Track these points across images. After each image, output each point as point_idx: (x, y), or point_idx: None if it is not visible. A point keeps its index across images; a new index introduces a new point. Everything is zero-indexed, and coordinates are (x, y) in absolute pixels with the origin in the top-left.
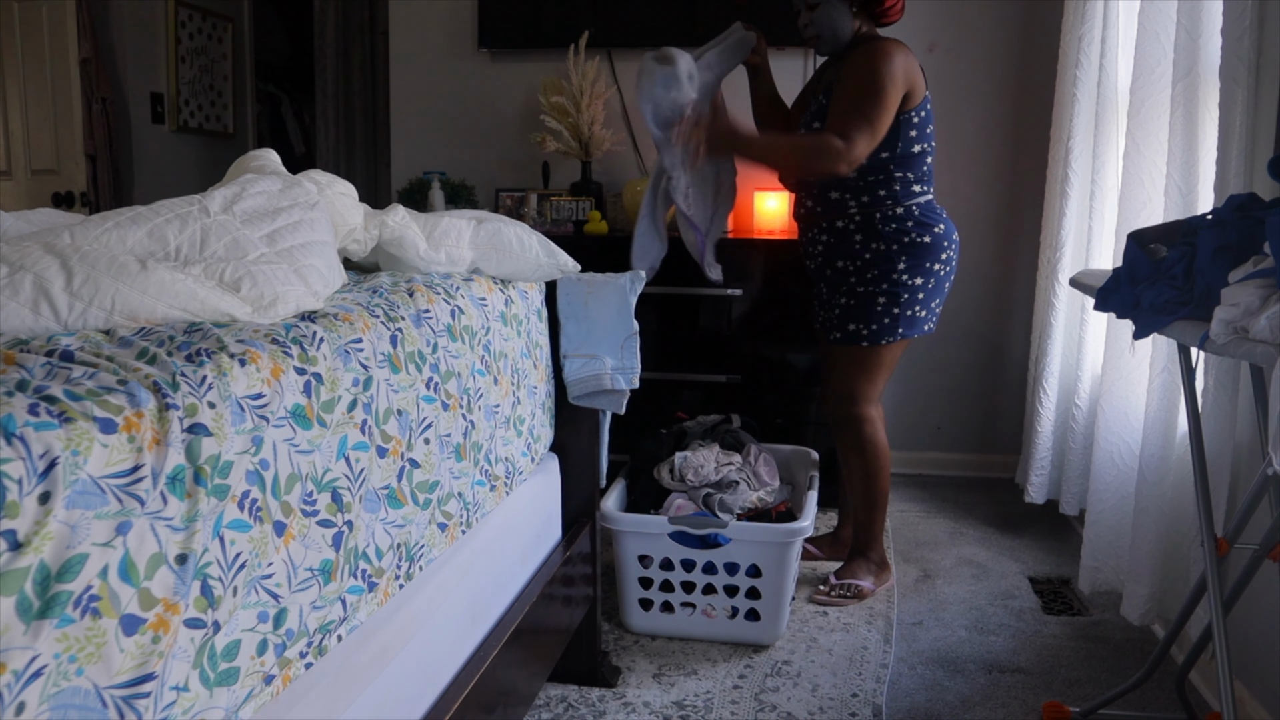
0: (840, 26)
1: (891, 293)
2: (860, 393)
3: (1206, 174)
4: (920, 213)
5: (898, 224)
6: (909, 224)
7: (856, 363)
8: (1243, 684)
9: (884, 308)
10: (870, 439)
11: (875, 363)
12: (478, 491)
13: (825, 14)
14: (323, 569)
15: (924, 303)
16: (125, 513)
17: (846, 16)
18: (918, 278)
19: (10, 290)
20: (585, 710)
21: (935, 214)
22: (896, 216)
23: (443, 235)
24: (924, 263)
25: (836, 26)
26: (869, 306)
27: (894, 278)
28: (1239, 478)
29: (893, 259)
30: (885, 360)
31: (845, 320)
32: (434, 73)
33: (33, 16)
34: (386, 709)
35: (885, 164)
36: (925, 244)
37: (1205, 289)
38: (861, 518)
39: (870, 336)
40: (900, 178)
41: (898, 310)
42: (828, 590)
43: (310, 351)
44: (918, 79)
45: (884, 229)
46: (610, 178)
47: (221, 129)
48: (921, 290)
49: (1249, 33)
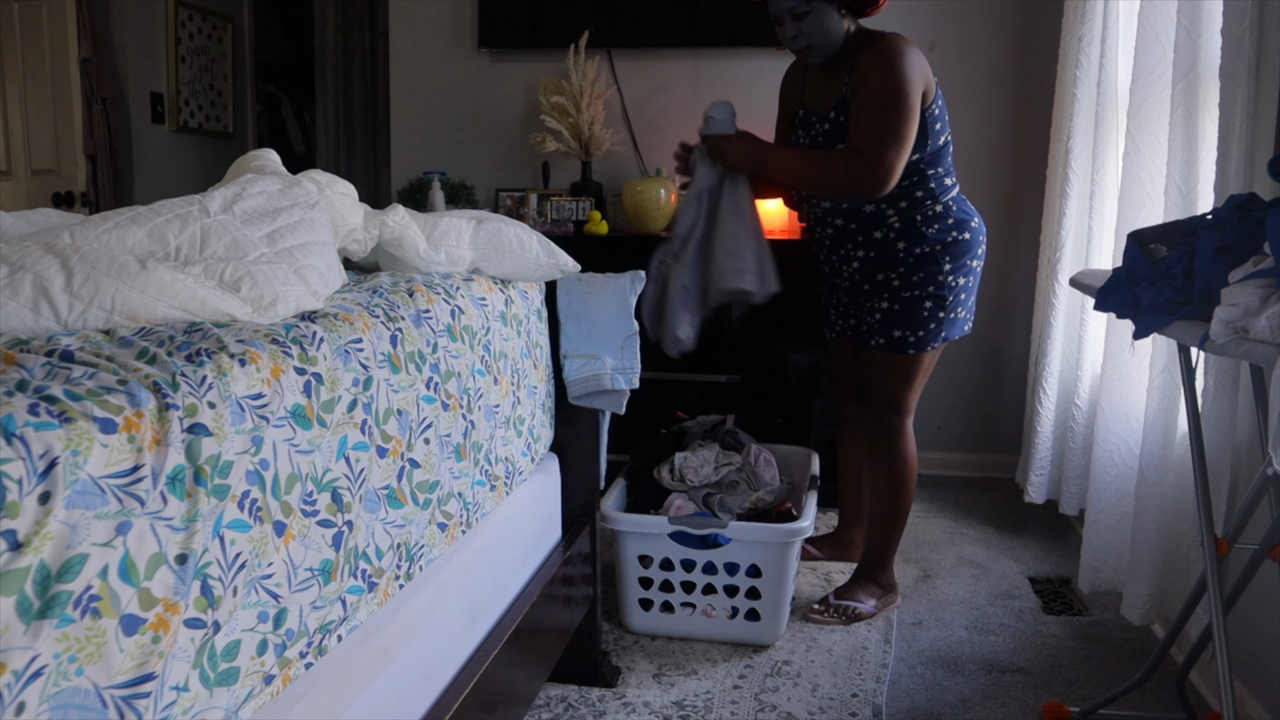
0: (833, 32)
1: (937, 295)
2: (902, 402)
3: (1206, 174)
4: (957, 208)
5: (939, 224)
6: (949, 221)
7: (900, 371)
8: (1243, 684)
9: (930, 312)
10: (902, 453)
11: (918, 369)
12: (478, 491)
13: (816, 21)
14: (323, 569)
15: (964, 302)
16: (125, 513)
17: (837, 20)
18: (960, 277)
19: (10, 290)
20: (585, 710)
21: (967, 207)
22: (937, 215)
23: (443, 235)
24: (965, 260)
25: (830, 33)
26: (914, 312)
27: (939, 279)
28: (1239, 478)
29: (938, 260)
30: (926, 366)
31: (889, 326)
32: (434, 73)
33: (33, 16)
34: (386, 709)
35: (917, 165)
36: (965, 241)
37: (1205, 289)
38: (877, 536)
39: (916, 343)
40: (933, 174)
41: (943, 314)
42: (822, 610)
43: (310, 351)
44: (928, 70)
45: (927, 230)
46: (610, 178)
47: (221, 129)
48: (963, 290)
49: (1249, 33)
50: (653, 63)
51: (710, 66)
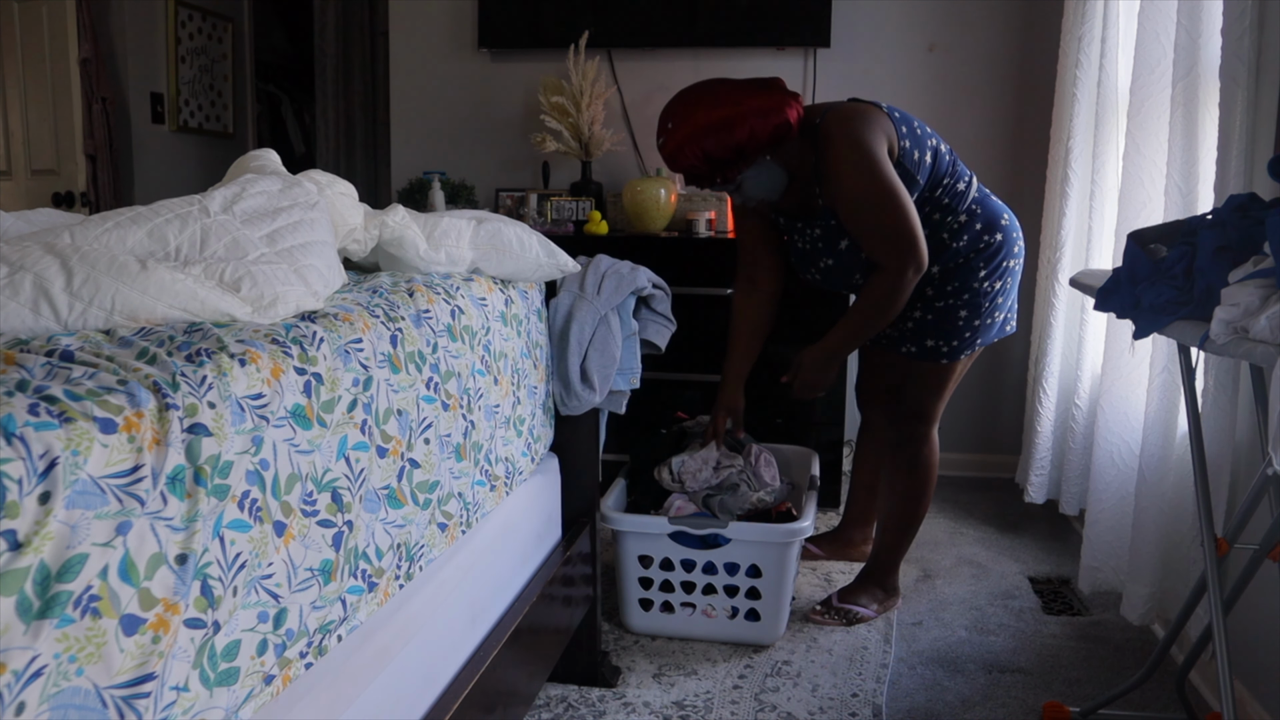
0: (774, 178)
1: (973, 303)
2: (931, 410)
3: (1206, 174)
4: (982, 210)
5: (967, 233)
6: (977, 227)
7: (931, 379)
8: (1243, 684)
9: (965, 321)
10: (925, 462)
11: (949, 378)
12: (478, 491)
13: (753, 184)
14: (323, 569)
15: (1002, 306)
16: (125, 513)
17: (769, 167)
18: (997, 281)
19: (10, 290)
20: (585, 710)
21: (993, 204)
22: (962, 225)
23: (443, 235)
24: (1001, 262)
25: (771, 181)
26: (949, 321)
27: (975, 286)
28: (1239, 478)
29: (973, 268)
30: (958, 373)
31: (922, 335)
32: (434, 73)
33: (33, 16)
34: (386, 709)
35: (922, 204)
36: (998, 242)
37: (1205, 289)
38: (889, 540)
39: (949, 353)
40: (941, 192)
41: (978, 322)
42: (823, 611)
43: (310, 351)
44: (878, 123)
45: (956, 244)
46: (610, 178)
47: (221, 129)
48: (1000, 293)
49: (1249, 33)
50: (653, 63)
51: (710, 66)
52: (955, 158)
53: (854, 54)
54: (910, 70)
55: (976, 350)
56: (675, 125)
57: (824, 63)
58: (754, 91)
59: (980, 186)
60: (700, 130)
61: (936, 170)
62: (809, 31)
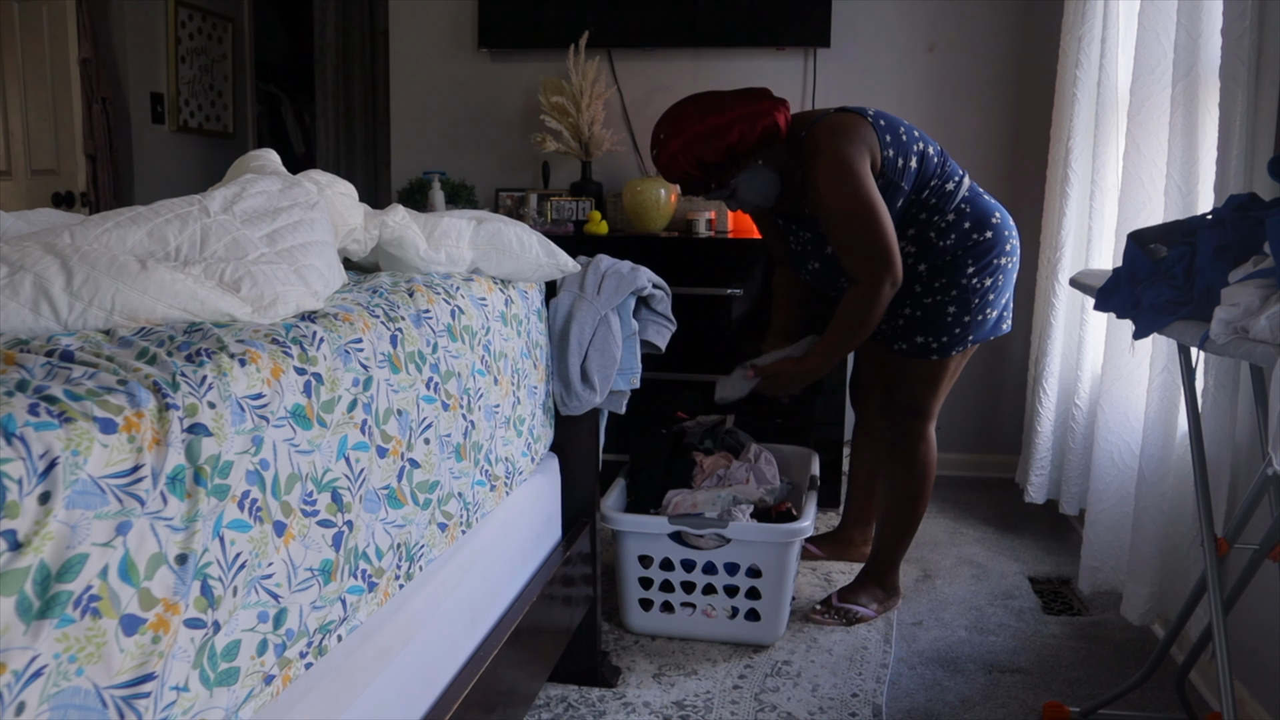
0: (766, 184)
1: (961, 300)
2: (926, 407)
3: (1206, 174)
4: (971, 208)
5: (955, 232)
6: (965, 225)
7: (925, 376)
8: (1243, 684)
9: (954, 317)
10: (923, 459)
11: (943, 375)
12: (478, 491)
13: (747, 189)
14: (323, 569)
15: (994, 303)
16: (125, 513)
17: (761, 172)
18: (987, 278)
19: (10, 290)
20: (585, 710)
21: (984, 203)
22: (950, 225)
23: (443, 235)
24: (991, 260)
25: (765, 187)
26: (938, 317)
27: (963, 283)
28: (1239, 478)
29: (960, 265)
30: (952, 370)
31: (912, 331)
32: (434, 73)
33: (33, 16)
34: (386, 709)
35: (908, 206)
36: (988, 240)
37: (1205, 289)
38: (889, 540)
39: (940, 349)
40: (928, 194)
41: (968, 318)
42: (823, 611)
43: (310, 351)
44: (862, 134)
45: (943, 243)
46: (610, 178)
47: (221, 129)
48: (991, 291)
49: (1249, 33)
50: (653, 63)
51: (710, 66)
52: (946, 159)
53: (854, 54)
54: (910, 70)
55: (970, 347)
56: (667, 136)
57: (824, 63)
58: (741, 99)
59: (973, 185)
60: (692, 138)
61: (923, 174)
62: (809, 31)
